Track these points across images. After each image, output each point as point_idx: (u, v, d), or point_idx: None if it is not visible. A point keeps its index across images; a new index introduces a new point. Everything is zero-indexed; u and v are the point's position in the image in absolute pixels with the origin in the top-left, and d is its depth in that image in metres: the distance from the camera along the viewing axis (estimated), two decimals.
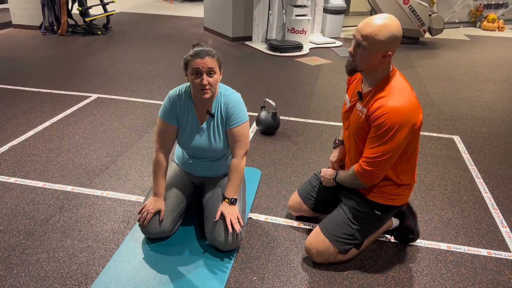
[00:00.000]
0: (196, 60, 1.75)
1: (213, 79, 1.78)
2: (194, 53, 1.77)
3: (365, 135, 1.73)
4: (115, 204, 2.29)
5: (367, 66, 1.66)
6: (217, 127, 1.94)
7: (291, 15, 6.10)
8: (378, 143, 1.64)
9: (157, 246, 1.95)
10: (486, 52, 6.47)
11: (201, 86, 1.77)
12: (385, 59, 1.64)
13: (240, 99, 1.95)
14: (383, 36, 1.57)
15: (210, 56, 1.77)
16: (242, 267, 1.88)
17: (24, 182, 2.47)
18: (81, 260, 1.87)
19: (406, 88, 1.67)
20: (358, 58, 1.65)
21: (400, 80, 1.69)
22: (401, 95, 1.63)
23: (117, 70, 4.75)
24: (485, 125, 3.62)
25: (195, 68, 1.76)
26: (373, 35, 1.57)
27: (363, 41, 1.60)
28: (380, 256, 1.99)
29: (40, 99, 3.76)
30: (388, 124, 1.60)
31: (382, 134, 1.62)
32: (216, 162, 2.05)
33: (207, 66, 1.76)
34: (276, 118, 3.21)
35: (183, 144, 1.99)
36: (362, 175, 1.72)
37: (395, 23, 1.59)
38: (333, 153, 2.10)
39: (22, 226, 2.08)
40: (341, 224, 1.84)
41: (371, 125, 1.67)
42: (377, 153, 1.65)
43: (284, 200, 2.39)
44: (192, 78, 1.79)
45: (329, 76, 4.85)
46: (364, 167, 1.71)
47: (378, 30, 1.57)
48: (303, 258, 1.95)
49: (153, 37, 6.49)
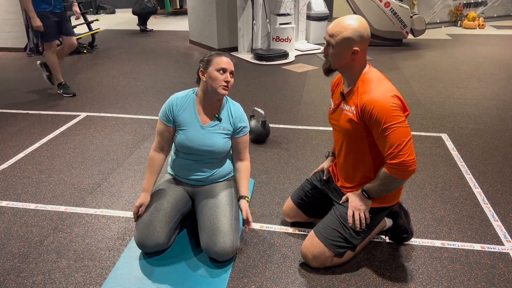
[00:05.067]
0: (222, 58, 1.92)
1: (232, 80, 1.95)
2: (216, 53, 1.94)
3: (355, 131, 1.76)
4: (109, 222, 2.29)
5: (339, 64, 1.75)
6: (222, 131, 2.03)
7: (275, 24, 6.16)
8: (389, 135, 1.64)
9: (154, 260, 1.95)
10: (468, 50, 6.59)
11: (225, 82, 1.91)
12: (355, 56, 1.71)
13: (242, 110, 2.11)
14: (348, 34, 1.67)
15: (230, 58, 1.96)
16: (239, 277, 1.88)
17: (16, 205, 2.45)
18: (78, 280, 1.86)
19: (383, 78, 1.75)
20: (330, 57, 1.76)
21: (376, 73, 1.77)
22: (381, 85, 1.70)
23: (104, 87, 4.75)
24: (471, 121, 3.69)
25: (222, 65, 1.90)
26: (338, 33, 1.68)
27: (331, 40, 1.71)
28: (376, 256, 2.00)
29: (28, 120, 3.75)
30: (383, 116, 1.63)
31: (385, 127, 1.64)
32: (211, 165, 2.08)
33: (231, 67, 1.93)
34: (266, 126, 3.24)
35: (181, 143, 2.01)
36: (397, 171, 1.67)
37: (360, 21, 1.69)
38: (326, 162, 2.15)
39: (16, 249, 2.06)
40: (334, 228, 1.86)
41: (367, 124, 1.71)
42: (395, 144, 1.64)
43: (278, 207, 2.41)
44: (217, 74, 1.91)
45: (316, 82, 4.91)
46: (394, 163, 1.66)
47: (343, 28, 1.68)
48: (300, 263, 1.96)
49: (139, 53, 6.51)
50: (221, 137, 2.03)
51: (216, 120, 2.03)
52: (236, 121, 2.05)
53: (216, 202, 1.99)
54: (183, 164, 2.09)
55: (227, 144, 2.05)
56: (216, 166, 2.09)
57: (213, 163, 2.08)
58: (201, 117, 2.02)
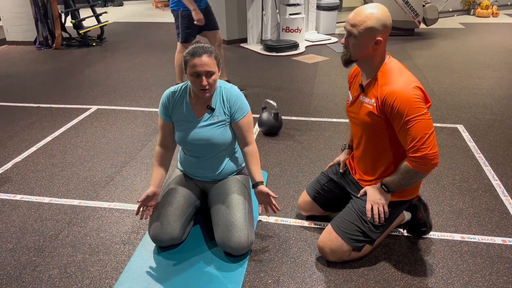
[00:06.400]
0: (194, 61, 1.77)
1: (211, 79, 1.82)
2: (192, 51, 1.79)
3: (375, 124, 1.72)
4: (123, 215, 2.27)
5: (360, 55, 1.69)
6: (217, 121, 1.94)
7: (285, 14, 6.08)
8: (411, 128, 1.59)
9: (169, 254, 1.94)
10: (482, 39, 6.46)
11: (201, 87, 1.81)
12: (378, 46, 1.66)
13: (238, 91, 1.99)
14: (371, 23, 1.61)
15: (208, 54, 1.79)
16: (256, 271, 1.86)
17: (30, 198, 2.45)
18: (94, 274, 1.85)
19: (403, 69, 1.70)
20: (351, 47, 1.69)
21: (396, 64, 1.72)
22: (402, 76, 1.65)
23: (114, 80, 4.74)
24: (488, 112, 3.61)
25: (195, 69, 1.78)
26: (362, 23, 1.62)
27: (353, 29, 1.64)
28: (394, 250, 1.97)
29: (40, 114, 3.75)
30: (405, 108, 1.58)
31: (407, 120, 1.59)
32: (216, 160, 2.02)
33: (205, 69, 1.78)
34: (278, 118, 3.20)
35: (180, 139, 1.98)
36: (420, 164, 1.62)
37: (383, 10, 1.63)
38: (342, 155, 2.10)
39: (32, 243, 2.06)
40: (353, 222, 1.82)
41: (388, 116, 1.66)
42: (417, 136, 1.59)
43: (293, 201, 2.37)
44: (192, 78, 1.82)
45: (327, 73, 4.84)
46: (416, 157, 1.61)
47: (367, 17, 1.61)
48: (316, 257, 1.93)
49: (148, 45, 6.48)
50: (217, 127, 1.94)
51: (209, 111, 1.95)
52: (230, 105, 1.94)
53: (229, 197, 1.96)
54: (190, 162, 2.06)
55: (225, 134, 1.96)
56: (223, 160, 2.04)
57: (219, 158, 2.02)
58: (195, 111, 1.95)
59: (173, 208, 1.94)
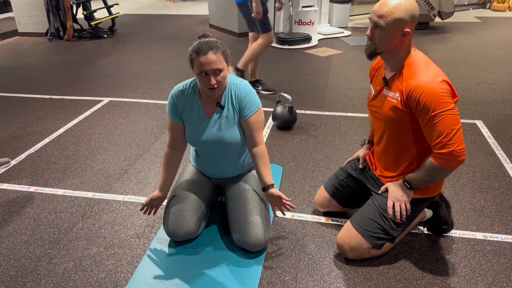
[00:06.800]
0: (200, 59, 1.64)
1: (220, 76, 1.69)
2: (197, 49, 1.66)
3: (399, 119, 1.66)
4: (137, 208, 2.25)
5: (387, 47, 1.63)
6: (228, 118, 1.84)
7: (298, 7, 6.00)
8: (437, 123, 1.53)
9: (184, 249, 1.91)
10: (499, 33, 6.32)
11: (210, 86, 1.69)
12: (405, 38, 1.60)
13: (249, 86, 1.85)
14: (399, 14, 1.55)
15: (214, 51, 1.65)
16: (273, 267, 1.82)
17: (44, 190, 2.43)
18: (109, 268, 1.83)
19: (430, 62, 1.64)
20: (377, 39, 1.62)
21: (422, 57, 1.66)
22: (428, 69, 1.59)
23: (126, 72, 4.71)
24: (507, 108, 3.52)
25: (201, 68, 1.66)
26: (389, 13, 1.55)
27: (380, 21, 1.57)
28: (415, 248, 1.92)
29: (52, 105, 3.74)
30: (432, 102, 1.52)
31: (433, 115, 1.53)
32: (231, 159, 1.94)
33: (211, 67, 1.65)
34: (292, 112, 3.15)
35: (192, 140, 1.89)
36: (446, 161, 1.56)
37: (410, 1, 1.57)
38: (361, 150, 2.05)
39: (46, 236, 2.05)
40: (373, 219, 1.77)
41: (413, 111, 1.60)
42: (444, 132, 1.53)
43: (309, 196, 2.33)
44: (199, 78, 1.70)
45: (341, 67, 4.77)
46: (442, 153, 1.55)
47: (394, 8, 1.55)
48: (335, 254, 1.89)
49: (159, 37, 6.44)
50: (227, 126, 1.84)
51: (219, 109, 1.85)
52: (239, 101, 1.82)
53: (245, 193, 1.91)
54: (203, 162, 2.00)
55: (235, 133, 1.85)
56: (238, 158, 1.96)
57: (233, 156, 1.94)
58: (205, 109, 1.84)
59: (188, 203, 1.91)
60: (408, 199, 1.73)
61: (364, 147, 2.05)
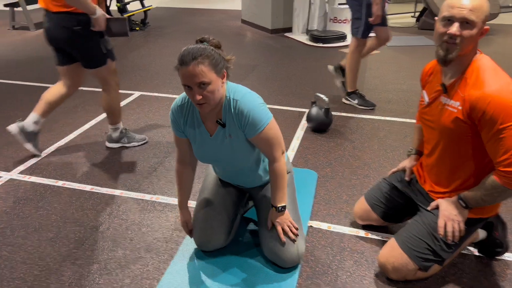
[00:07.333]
0: (182, 71, 1.41)
1: (207, 91, 1.43)
2: (180, 59, 1.41)
3: (458, 130, 1.49)
4: (165, 210, 2.16)
5: (469, 49, 1.44)
6: (232, 137, 1.62)
7: (334, 4, 5.81)
8: (505, 138, 1.36)
9: (213, 259, 1.80)
10: None
11: (194, 101, 1.47)
12: (480, 37, 1.44)
13: (253, 99, 1.57)
14: (486, 8, 1.39)
15: (197, 61, 1.39)
16: (308, 284, 1.69)
17: (71, 185, 2.38)
18: (135, 273, 1.75)
19: (497, 68, 1.45)
20: (466, 39, 1.40)
21: (489, 62, 1.47)
22: (496, 76, 1.41)
23: (157, 66, 4.65)
24: None
25: (184, 82, 1.43)
26: (480, 7, 1.38)
27: (470, 16, 1.37)
28: (464, 272, 1.75)
29: (82, 97, 3.71)
30: (500, 114, 1.35)
31: (502, 128, 1.36)
32: (249, 172, 1.77)
33: (194, 81, 1.40)
34: (328, 114, 2.99)
35: (201, 158, 1.71)
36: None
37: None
38: (407, 161, 1.88)
39: (72, 234, 1.98)
40: (422, 238, 1.61)
41: (476, 123, 1.43)
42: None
43: (346, 206, 2.18)
44: (186, 90, 1.47)
45: (378, 67, 4.56)
46: (509, 171, 1.39)
47: (481, 1, 1.39)
48: (375, 273, 1.74)
49: (190, 31, 6.37)
50: (233, 146, 1.63)
51: (221, 127, 1.62)
52: (240, 120, 1.56)
53: None
54: (221, 173, 1.86)
55: (243, 152, 1.65)
56: (256, 169, 1.77)
57: (251, 170, 1.75)
58: (207, 126, 1.63)
59: (215, 213, 1.78)
60: (462, 219, 1.57)
61: (411, 158, 1.89)
